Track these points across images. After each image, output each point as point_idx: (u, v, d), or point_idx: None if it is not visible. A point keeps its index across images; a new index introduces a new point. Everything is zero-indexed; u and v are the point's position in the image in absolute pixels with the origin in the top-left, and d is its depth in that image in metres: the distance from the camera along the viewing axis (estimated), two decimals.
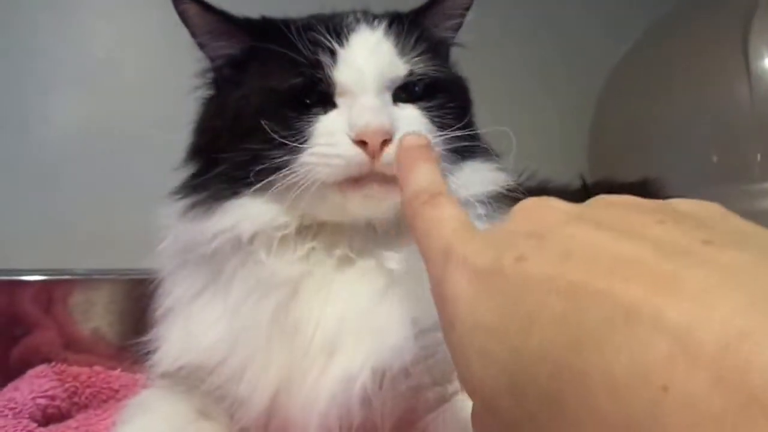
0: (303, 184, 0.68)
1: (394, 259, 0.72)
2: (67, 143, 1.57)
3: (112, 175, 1.52)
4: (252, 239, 0.71)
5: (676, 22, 1.86)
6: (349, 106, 0.69)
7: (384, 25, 0.75)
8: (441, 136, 0.73)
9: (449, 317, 0.41)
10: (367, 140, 0.66)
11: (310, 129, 0.69)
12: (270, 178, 0.70)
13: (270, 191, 0.70)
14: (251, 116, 0.72)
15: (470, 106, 0.83)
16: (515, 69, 1.95)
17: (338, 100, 0.71)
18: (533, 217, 0.41)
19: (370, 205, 0.70)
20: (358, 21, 0.75)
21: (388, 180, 0.67)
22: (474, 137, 0.79)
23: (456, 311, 0.40)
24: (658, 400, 0.27)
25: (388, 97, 0.72)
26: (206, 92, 0.81)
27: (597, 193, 1.04)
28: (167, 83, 0.79)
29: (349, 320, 0.70)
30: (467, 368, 0.39)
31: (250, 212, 0.71)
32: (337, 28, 0.73)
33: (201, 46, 0.77)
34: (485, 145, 0.82)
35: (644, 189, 1.08)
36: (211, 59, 0.78)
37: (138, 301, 0.84)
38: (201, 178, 0.75)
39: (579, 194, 1.04)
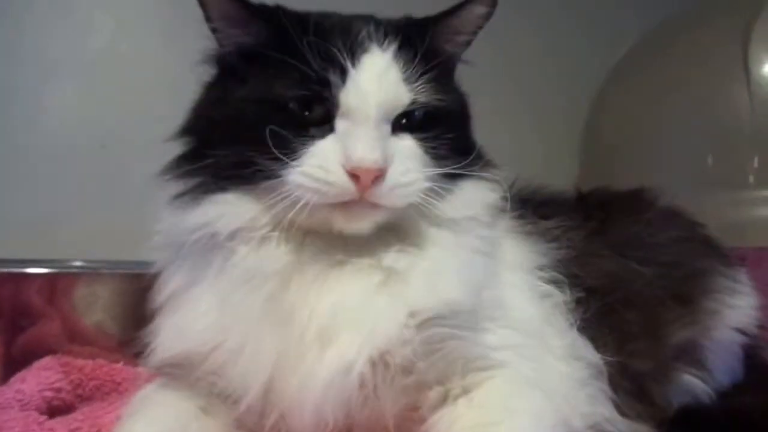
0: (289, 203, 0.69)
1: (390, 257, 0.74)
2: (71, 136, 1.58)
3: (116, 167, 1.52)
4: (232, 236, 0.74)
5: (675, 27, 1.86)
6: (347, 134, 0.71)
7: (394, 46, 0.75)
8: (434, 170, 0.75)
9: None
10: (359, 174, 0.68)
11: (305, 149, 0.71)
12: (257, 183, 0.72)
13: (255, 191, 0.73)
14: (249, 123, 0.72)
15: (468, 126, 0.84)
16: (509, 69, 1.95)
17: (338, 123, 0.72)
18: None
19: (354, 224, 0.72)
20: (370, 39, 0.75)
21: (374, 205, 0.70)
22: (469, 158, 0.80)
23: None
24: None
25: (387, 128, 0.73)
26: (211, 75, 0.81)
27: (593, 202, 1.07)
28: (165, 74, 0.80)
29: (345, 311, 0.72)
30: None
31: (232, 209, 0.73)
32: (349, 44, 0.73)
33: (214, 30, 0.78)
34: (480, 159, 0.83)
35: (639, 198, 1.09)
36: (222, 45, 0.79)
37: (141, 294, 0.85)
38: (190, 165, 0.76)
39: (574, 203, 1.06)
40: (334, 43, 0.73)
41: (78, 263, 1.27)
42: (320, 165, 0.69)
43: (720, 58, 1.68)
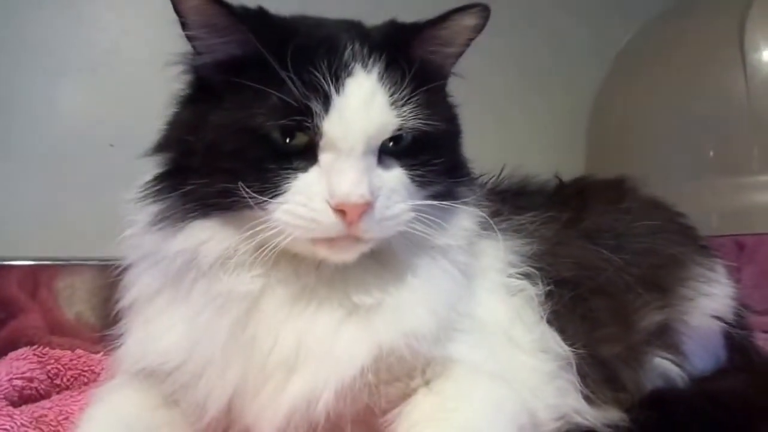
0: (272, 235, 0.68)
1: (359, 291, 0.73)
2: (79, 135, 1.58)
3: (125, 165, 1.52)
4: (211, 263, 0.72)
5: (673, 15, 1.86)
6: (331, 167, 0.68)
7: (379, 67, 0.72)
8: (421, 203, 0.73)
9: None
10: (346, 210, 0.66)
11: (288, 183, 0.68)
12: (239, 210, 0.70)
13: (236, 218, 0.71)
14: (228, 153, 0.70)
15: (458, 144, 0.82)
16: (513, 62, 1.94)
17: (321, 155, 0.69)
18: None
19: (338, 255, 0.70)
20: (354, 59, 0.71)
21: (359, 239, 0.68)
22: (456, 179, 0.79)
23: None
24: None
25: (373, 159, 0.70)
26: (185, 86, 0.78)
27: (572, 191, 1.06)
28: (170, 74, 0.78)
29: (310, 342, 0.71)
30: None
31: (213, 236, 0.72)
32: (334, 67, 0.69)
33: (192, 39, 0.73)
34: (466, 178, 0.82)
35: (620, 187, 1.08)
36: (200, 53, 0.74)
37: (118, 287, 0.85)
38: (170, 190, 0.74)
39: (552, 194, 1.05)
40: (318, 66, 0.69)
41: (61, 256, 1.27)
42: (305, 203, 0.67)
43: (718, 44, 1.68)
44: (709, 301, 0.99)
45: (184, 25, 0.72)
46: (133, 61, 1.62)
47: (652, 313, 0.93)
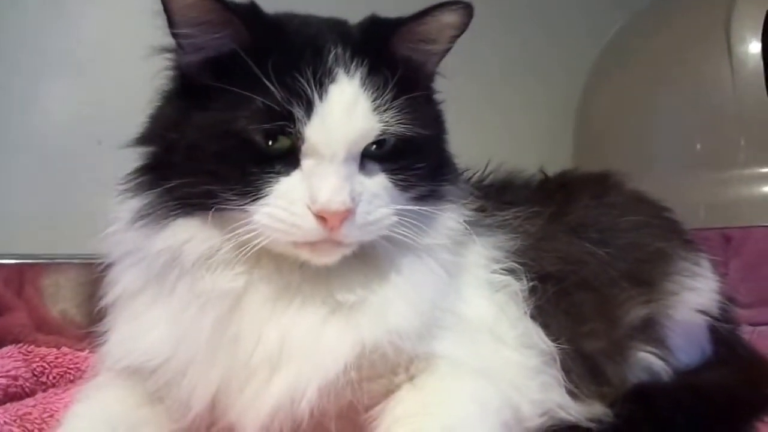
0: (254, 236, 0.68)
1: (343, 289, 0.73)
2: (66, 133, 1.58)
3: (97, 163, 1.51)
4: (194, 262, 0.72)
5: (660, 8, 1.86)
6: (313, 172, 0.68)
7: (362, 71, 0.71)
8: (403, 207, 0.73)
9: None
10: (327, 217, 0.66)
11: (270, 186, 0.68)
12: (221, 212, 0.70)
13: (219, 219, 0.71)
14: (210, 154, 0.70)
15: (442, 144, 0.82)
16: (502, 55, 1.94)
17: (303, 160, 0.69)
18: None
19: (320, 258, 0.71)
20: (337, 63, 0.71)
21: (341, 243, 0.69)
22: (440, 179, 0.79)
23: None
24: None
25: (355, 164, 0.70)
26: (169, 81, 0.77)
27: (556, 186, 1.06)
28: (157, 69, 0.78)
29: (293, 340, 0.71)
30: None
31: (196, 235, 0.72)
32: (318, 73, 0.69)
33: (180, 37, 0.72)
34: (452, 175, 0.83)
35: (605, 181, 1.08)
36: (187, 52, 0.73)
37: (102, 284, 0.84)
38: (152, 186, 0.74)
39: (536, 188, 1.05)
40: (302, 72, 0.69)
41: (46, 254, 1.27)
42: (286, 207, 0.68)
43: (705, 37, 1.68)
44: (694, 295, 0.99)
45: (172, 24, 0.71)
46: (119, 56, 1.60)
47: (636, 307, 0.94)
